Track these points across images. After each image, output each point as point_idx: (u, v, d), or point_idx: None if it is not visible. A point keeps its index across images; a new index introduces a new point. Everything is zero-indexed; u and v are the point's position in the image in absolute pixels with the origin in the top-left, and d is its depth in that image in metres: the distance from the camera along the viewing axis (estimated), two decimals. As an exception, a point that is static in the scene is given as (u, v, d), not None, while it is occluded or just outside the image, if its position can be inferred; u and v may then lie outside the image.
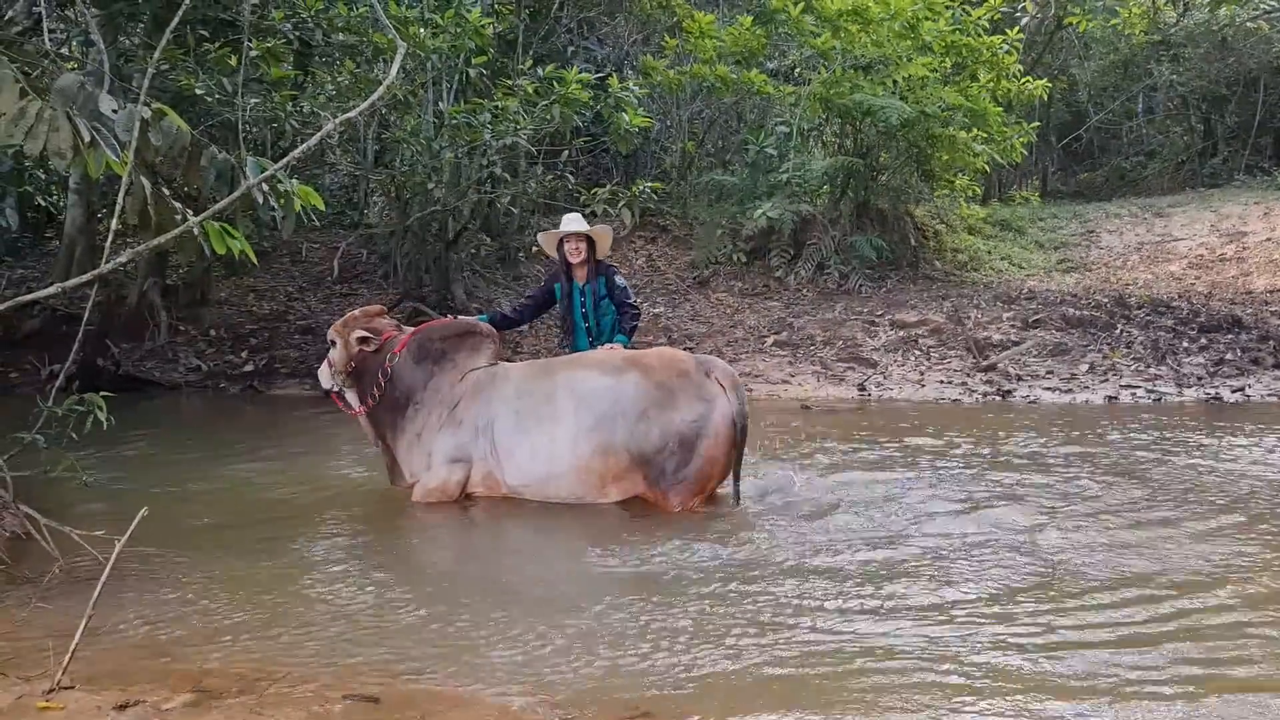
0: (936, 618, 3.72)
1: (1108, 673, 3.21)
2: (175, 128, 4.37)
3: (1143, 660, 3.30)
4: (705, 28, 13.01)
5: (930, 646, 3.45)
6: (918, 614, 3.77)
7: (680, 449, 5.05)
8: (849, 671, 3.28)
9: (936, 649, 3.43)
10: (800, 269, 12.76)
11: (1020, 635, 3.52)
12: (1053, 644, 3.45)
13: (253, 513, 5.46)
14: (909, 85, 12.64)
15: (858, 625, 3.66)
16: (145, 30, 9.01)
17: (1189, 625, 3.60)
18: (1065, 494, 5.49)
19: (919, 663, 3.33)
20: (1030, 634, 3.53)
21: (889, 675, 3.24)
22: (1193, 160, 18.59)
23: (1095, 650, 3.39)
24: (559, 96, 10.10)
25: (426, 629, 3.75)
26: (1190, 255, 13.35)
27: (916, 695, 3.10)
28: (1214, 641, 3.45)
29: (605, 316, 6.07)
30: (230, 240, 4.21)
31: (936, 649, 3.43)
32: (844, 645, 3.49)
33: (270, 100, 9.59)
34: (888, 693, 3.13)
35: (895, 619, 3.71)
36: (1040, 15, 17.42)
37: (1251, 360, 9.47)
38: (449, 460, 5.40)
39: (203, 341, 10.97)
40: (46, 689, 3.08)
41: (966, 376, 9.49)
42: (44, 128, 4.03)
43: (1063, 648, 3.42)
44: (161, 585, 4.21)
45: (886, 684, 3.19)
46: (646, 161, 15.68)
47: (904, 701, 3.07)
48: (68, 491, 5.39)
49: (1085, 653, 3.37)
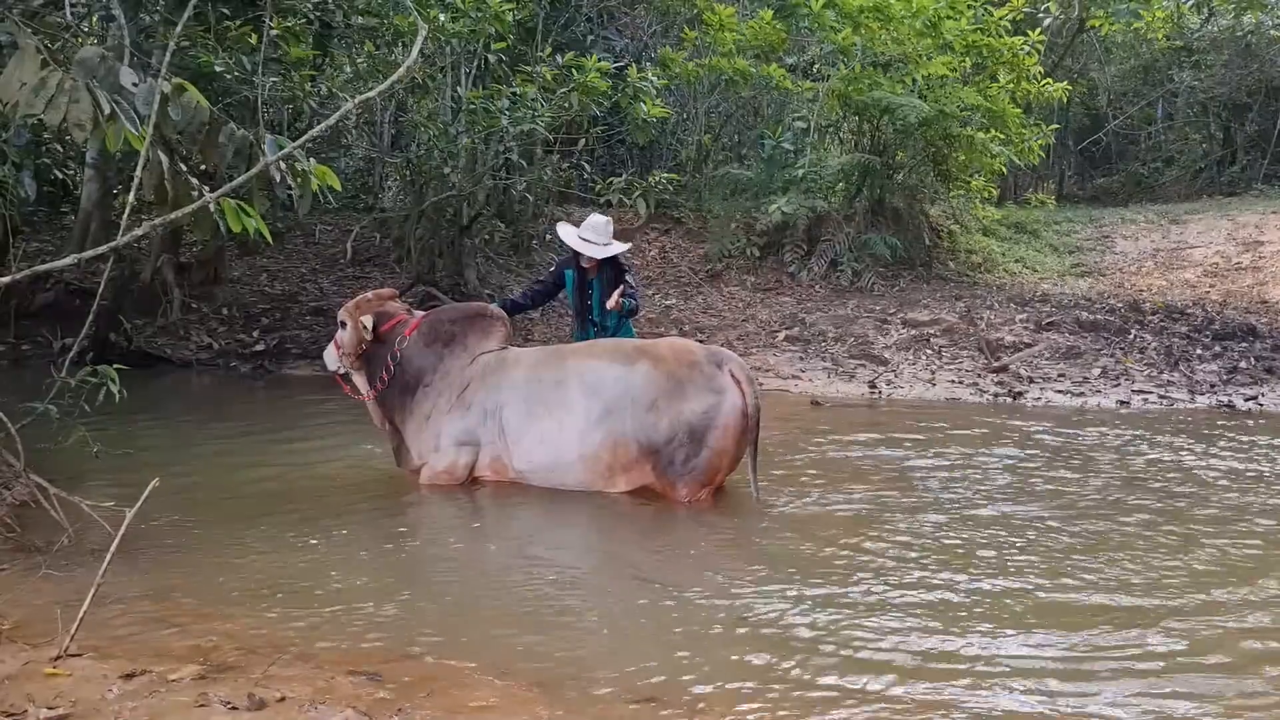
0: (947, 614, 3.72)
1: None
2: (195, 103, 4.37)
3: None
4: (725, 21, 12.96)
5: (939, 645, 3.45)
6: (930, 611, 3.75)
7: (689, 440, 5.05)
8: (856, 664, 3.29)
9: (944, 647, 3.43)
10: (813, 265, 12.72)
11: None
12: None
13: (261, 488, 5.49)
14: (928, 84, 12.57)
15: (866, 620, 3.66)
16: (166, 7, 9.01)
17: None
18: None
19: (932, 662, 3.32)
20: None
21: (897, 670, 3.24)
22: (1211, 168, 18.47)
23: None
24: (577, 85, 10.08)
25: (430, 608, 3.77)
26: (1206, 263, 13.26)
27: (926, 694, 3.10)
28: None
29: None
30: (246, 218, 4.21)
31: (944, 647, 3.43)
32: (852, 640, 3.49)
33: (289, 80, 9.60)
34: (894, 686, 3.13)
35: (908, 616, 3.70)
36: (1063, 17, 17.30)
37: (1266, 369, 9.42)
38: (457, 443, 5.40)
39: (215, 320, 10.98)
40: (54, 655, 3.10)
41: (978, 377, 9.46)
42: (64, 99, 4.03)
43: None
44: (170, 557, 4.24)
45: (895, 678, 3.18)
46: (662, 153, 15.64)
47: (910, 701, 3.07)
48: (78, 462, 5.42)
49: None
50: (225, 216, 4.20)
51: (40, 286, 10.27)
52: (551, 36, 12.52)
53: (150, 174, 4.30)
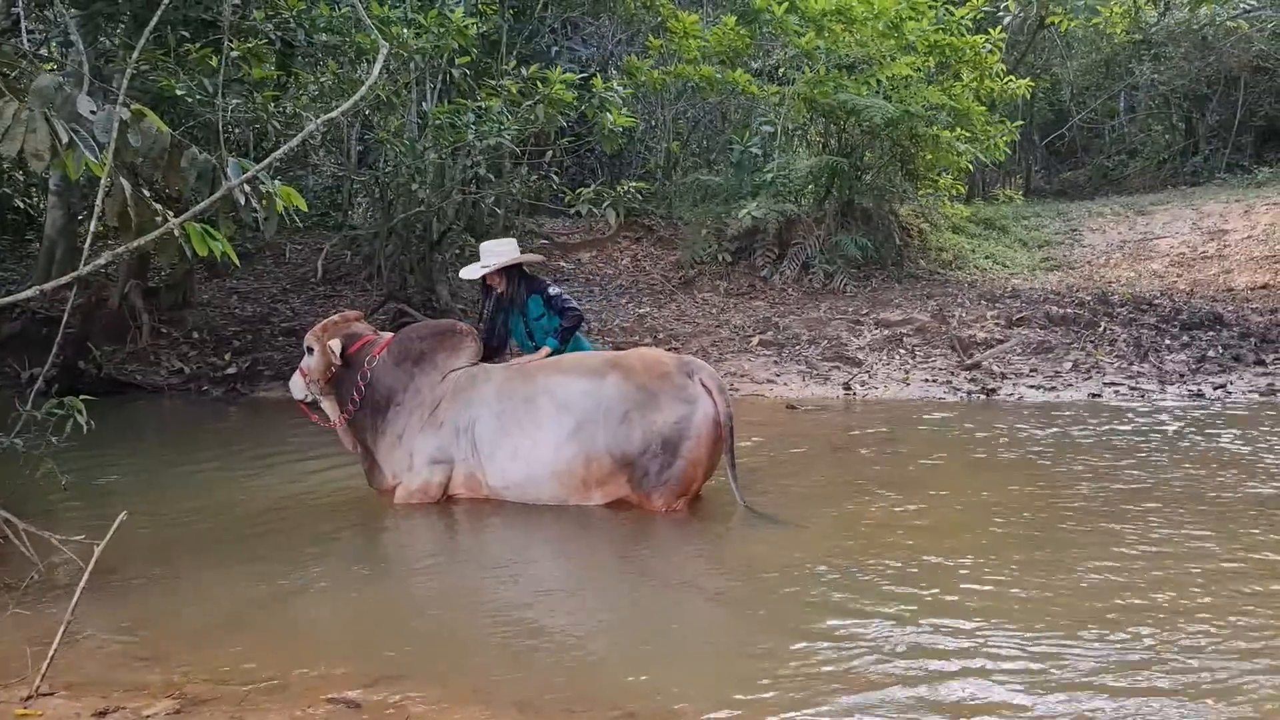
0: (933, 620, 3.73)
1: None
2: (155, 129, 4.34)
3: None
4: (689, 28, 13.00)
5: (930, 644, 3.46)
6: (926, 616, 3.74)
7: (663, 450, 5.04)
8: (842, 676, 3.29)
9: (937, 647, 3.45)
10: (785, 268, 12.76)
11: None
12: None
13: (234, 516, 5.43)
14: (893, 85, 12.66)
15: (850, 625, 3.66)
16: (125, 30, 8.94)
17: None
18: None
19: (917, 661, 3.33)
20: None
21: (895, 679, 3.23)
22: (1174, 159, 18.70)
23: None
24: (543, 97, 10.07)
25: (408, 633, 3.74)
26: (1172, 253, 13.41)
27: (912, 692, 3.11)
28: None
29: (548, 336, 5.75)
30: (212, 242, 4.18)
31: (937, 647, 3.45)
32: (837, 644, 3.49)
33: (252, 101, 9.53)
34: (894, 694, 3.12)
35: (905, 624, 3.67)
36: (1023, 15, 17.48)
37: (1233, 357, 9.52)
38: (430, 461, 5.38)
39: (185, 344, 10.89)
40: (25, 695, 3.05)
41: (951, 375, 9.51)
42: (21, 129, 4.00)
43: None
44: (142, 590, 4.19)
45: (894, 687, 3.17)
46: (631, 161, 15.66)
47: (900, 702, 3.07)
48: (47, 495, 5.35)
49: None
50: (191, 241, 4.17)
51: (6, 316, 10.17)
52: (516, 49, 12.52)
53: (113, 201, 4.26)
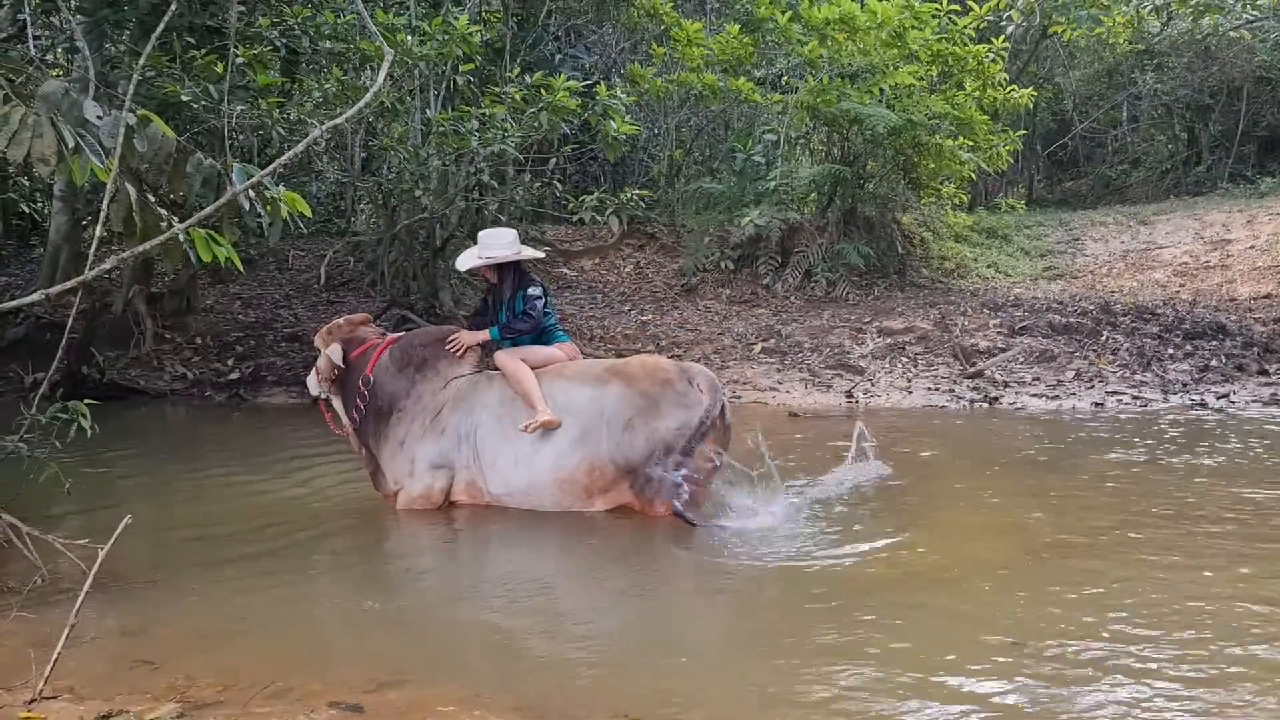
0: (939, 625, 3.72)
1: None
2: (160, 134, 4.36)
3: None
4: (693, 36, 13.03)
5: (938, 652, 3.46)
6: (930, 620, 3.74)
7: (665, 457, 5.04)
8: (845, 681, 3.28)
9: (945, 657, 3.44)
10: (788, 276, 12.77)
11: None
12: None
13: (237, 521, 5.44)
14: (896, 94, 12.68)
15: (854, 634, 3.65)
16: (131, 37, 8.97)
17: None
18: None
19: (923, 671, 3.32)
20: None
21: (893, 689, 3.23)
22: (1177, 168, 18.70)
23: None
24: (546, 104, 10.09)
25: (411, 637, 3.74)
26: (1175, 263, 13.41)
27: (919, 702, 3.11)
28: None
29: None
30: (216, 247, 4.19)
31: (945, 657, 3.44)
32: (839, 653, 3.48)
33: (257, 107, 9.56)
34: (894, 702, 3.12)
35: (902, 633, 3.67)
36: (1025, 24, 17.51)
37: (1236, 367, 9.52)
38: (432, 467, 5.39)
39: (188, 349, 10.91)
40: (28, 699, 3.06)
41: (954, 384, 9.51)
42: (28, 134, 4.02)
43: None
44: (145, 594, 4.19)
45: (893, 697, 3.17)
46: (634, 169, 15.68)
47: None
48: (50, 499, 5.36)
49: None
50: (195, 246, 4.18)
51: (10, 321, 10.19)
52: (520, 56, 12.55)
53: (118, 206, 4.29)
